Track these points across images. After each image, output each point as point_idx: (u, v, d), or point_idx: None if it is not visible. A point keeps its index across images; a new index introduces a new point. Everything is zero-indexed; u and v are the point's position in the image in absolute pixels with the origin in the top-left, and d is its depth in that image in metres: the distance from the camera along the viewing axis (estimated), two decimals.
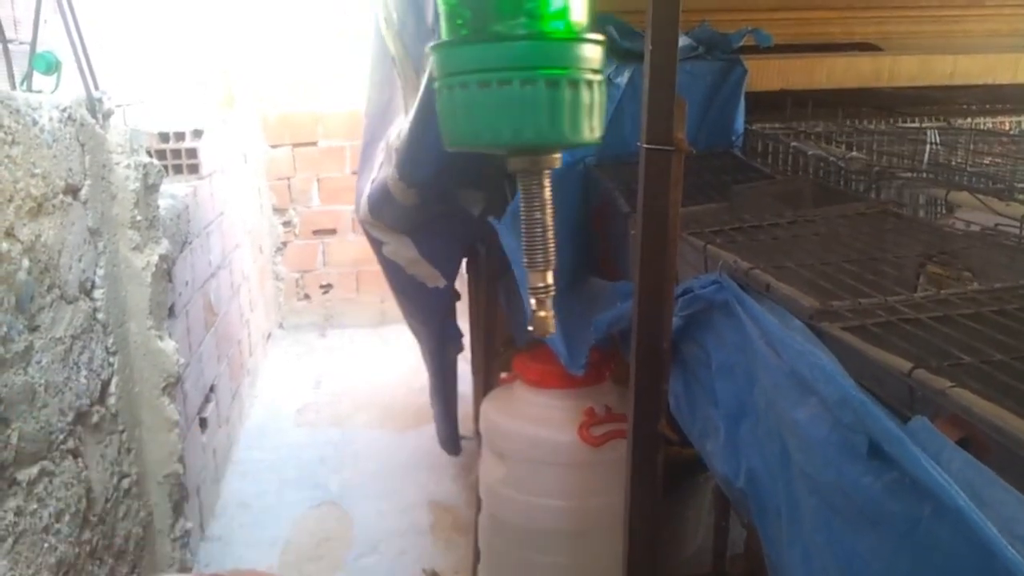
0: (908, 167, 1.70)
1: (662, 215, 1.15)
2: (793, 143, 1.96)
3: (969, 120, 2.19)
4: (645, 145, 1.14)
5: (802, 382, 0.97)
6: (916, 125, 2.09)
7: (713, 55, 2.02)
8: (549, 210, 0.77)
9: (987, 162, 1.76)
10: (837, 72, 2.32)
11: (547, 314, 0.79)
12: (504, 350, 2.20)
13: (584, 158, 1.83)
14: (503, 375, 2.12)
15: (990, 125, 2.21)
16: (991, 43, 2.39)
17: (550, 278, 0.78)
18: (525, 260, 0.78)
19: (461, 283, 2.44)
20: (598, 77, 0.72)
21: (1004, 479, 0.73)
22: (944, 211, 1.55)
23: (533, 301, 0.79)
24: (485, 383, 2.21)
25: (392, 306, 2.97)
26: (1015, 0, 2.29)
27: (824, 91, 2.29)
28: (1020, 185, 1.41)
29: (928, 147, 1.75)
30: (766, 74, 2.21)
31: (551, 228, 0.77)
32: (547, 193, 0.77)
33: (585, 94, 0.71)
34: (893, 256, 1.26)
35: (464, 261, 2.41)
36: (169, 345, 1.96)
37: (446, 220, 2.10)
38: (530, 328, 0.80)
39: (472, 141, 0.76)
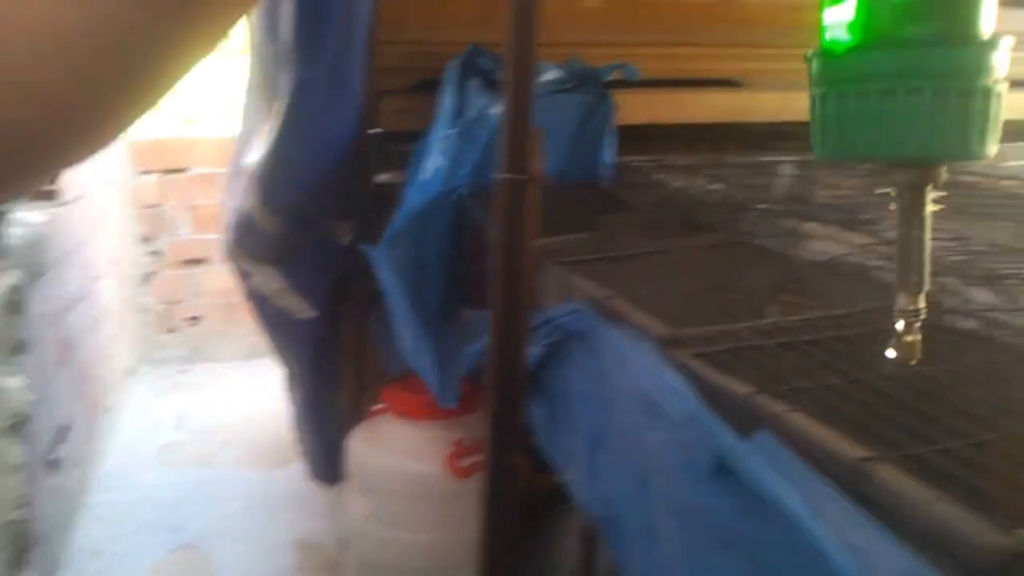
0: (763, 199, 1.77)
1: (517, 244, 1.15)
2: (659, 176, 2.01)
3: None
4: (501, 175, 1.14)
5: (653, 405, 0.98)
6: (774, 159, 2.17)
7: (584, 88, 2.06)
8: (928, 227, 0.72)
9: (837, 195, 1.84)
10: (702, 107, 2.40)
11: (915, 339, 0.73)
12: (374, 383, 2.15)
13: (458, 188, 1.82)
14: (373, 408, 2.07)
15: None
16: None
17: (921, 301, 0.73)
18: (897, 281, 0.72)
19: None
20: (1003, 86, 0.69)
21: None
22: (795, 241, 1.61)
23: (902, 324, 0.73)
24: (354, 418, 2.14)
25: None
26: None
27: (693, 125, 2.35)
28: (862, 217, 1.48)
29: (783, 180, 1.82)
30: (635, 108, 2.26)
31: (928, 247, 0.72)
32: (928, 209, 0.73)
33: (994, 104, 0.67)
34: (745, 284, 1.29)
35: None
36: (15, 382, 1.83)
37: (313, 249, 2.05)
38: (892, 354, 0.73)
39: (864, 152, 0.73)
